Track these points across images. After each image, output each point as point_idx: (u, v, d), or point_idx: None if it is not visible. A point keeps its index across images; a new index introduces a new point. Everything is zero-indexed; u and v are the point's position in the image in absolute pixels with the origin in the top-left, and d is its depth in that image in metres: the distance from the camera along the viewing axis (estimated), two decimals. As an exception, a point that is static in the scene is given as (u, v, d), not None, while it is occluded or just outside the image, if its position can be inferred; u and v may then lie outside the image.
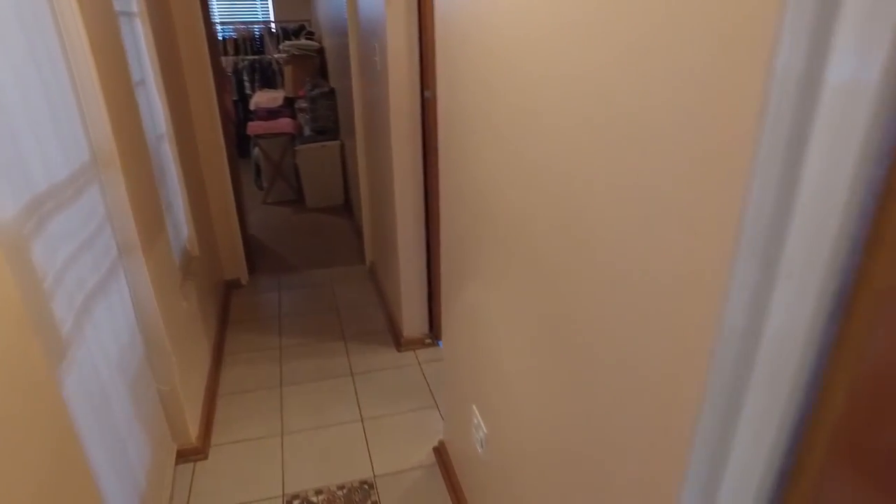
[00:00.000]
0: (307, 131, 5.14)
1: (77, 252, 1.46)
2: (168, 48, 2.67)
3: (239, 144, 6.31)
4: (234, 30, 6.54)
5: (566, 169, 0.93)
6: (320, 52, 5.54)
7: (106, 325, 1.59)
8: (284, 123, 5.02)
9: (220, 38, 6.42)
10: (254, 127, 4.94)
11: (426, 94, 2.40)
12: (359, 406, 2.51)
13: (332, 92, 4.93)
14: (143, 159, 1.95)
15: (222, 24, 6.53)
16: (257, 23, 6.68)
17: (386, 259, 3.21)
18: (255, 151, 5.10)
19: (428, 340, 2.93)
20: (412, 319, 2.90)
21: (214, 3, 6.53)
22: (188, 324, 2.33)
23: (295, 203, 5.10)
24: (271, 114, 5.36)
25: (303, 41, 5.61)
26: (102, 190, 1.66)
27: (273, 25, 6.67)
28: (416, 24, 2.33)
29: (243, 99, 6.43)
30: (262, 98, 5.57)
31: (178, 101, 2.74)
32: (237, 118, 6.48)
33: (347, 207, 4.92)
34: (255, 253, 4.00)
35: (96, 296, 1.55)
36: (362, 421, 2.42)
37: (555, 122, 0.96)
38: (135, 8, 2.21)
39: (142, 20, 2.25)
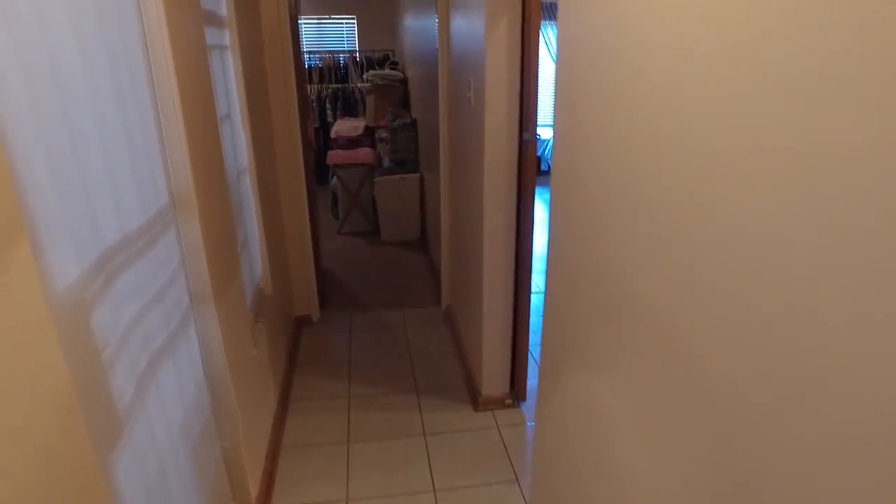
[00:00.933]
0: (386, 162, 5.06)
1: (146, 308, 1.32)
2: (256, 80, 2.60)
3: (317, 172, 6.35)
4: (321, 59, 6.63)
5: (753, 251, 0.67)
6: (404, 82, 5.49)
7: (171, 385, 1.44)
8: (364, 153, 4.95)
9: (306, 66, 6.52)
10: (333, 156, 4.90)
11: (525, 136, 2.19)
12: (431, 473, 2.27)
13: (413, 123, 4.83)
14: (222, 199, 1.82)
15: (309, 53, 6.64)
16: (343, 52, 6.75)
17: (465, 305, 2.98)
18: (334, 181, 5.06)
19: (509, 401, 2.67)
20: (492, 376, 2.65)
21: (302, 32, 6.66)
22: (256, 372, 2.19)
23: (370, 235, 4.99)
24: (351, 143, 5.33)
25: (387, 71, 5.58)
26: (179, 235, 1.53)
27: (358, 54, 6.72)
28: (518, 62, 2.13)
29: (325, 127, 6.48)
30: (343, 127, 5.56)
31: (261, 133, 2.66)
32: (317, 146, 6.53)
33: (423, 243, 4.76)
34: (327, 287, 3.89)
35: (163, 354, 1.40)
36: (434, 492, 2.18)
37: (742, 181, 0.70)
38: (227, 41, 2.13)
39: (233, 53, 2.17)
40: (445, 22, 3.02)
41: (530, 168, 2.22)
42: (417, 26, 4.47)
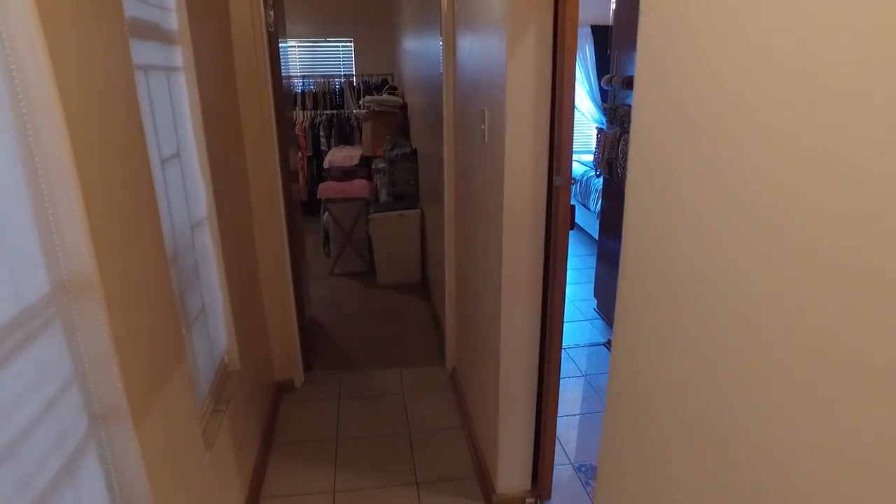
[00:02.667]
0: (383, 195, 4.60)
1: (15, 441, 0.84)
2: (222, 107, 2.15)
3: (309, 204, 5.92)
4: (315, 83, 6.23)
5: None
6: (403, 108, 5.07)
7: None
8: (359, 187, 4.50)
9: (298, 91, 6.12)
10: (325, 190, 4.44)
11: (556, 181, 1.73)
12: None
13: (413, 153, 4.39)
14: (155, 272, 1.35)
15: (303, 77, 6.25)
16: (339, 76, 6.36)
17: (476, 369, 2.49)
18: (325, 216, 4.60)
19: (531, 500, 2.16)
20: (510, 467, 2.15)
21: (295, 55, 6.28)
22: (212, 478, 1.69)
23: (365, 276, 4.51)
24: (346, 174, 4.89)
25: (385, 96, 5.16)
26: (71, 334, 1.05)
27: (354, 79, 6.33)
28: (549, 87, 1.68)
29: (318, 156, 6.05)
30: (338, 156, 5.13)
31: (227, 170, 2.20)
32: (310, 176, 6.09)
33: (424, 287, 4.28)
34: (313, 343, 3.39)
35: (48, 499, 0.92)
36: None
37: None
38: (178, 61, 1.68)
39: (187, 76, 1.72)
40: (451, 41, 2.59)
41: (563, 219, 1.75)
42: (418, 48, 4.06)
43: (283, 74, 2.82)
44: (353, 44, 6.33)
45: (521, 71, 1.65)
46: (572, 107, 1.64)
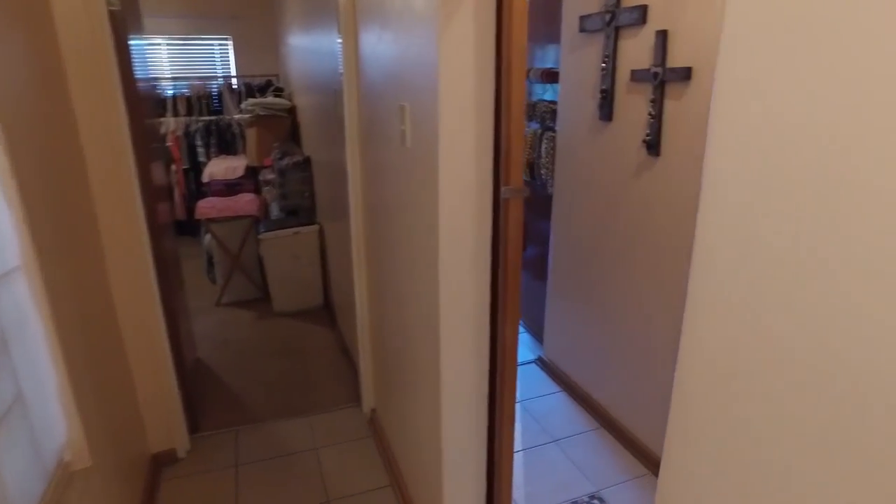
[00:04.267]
0: (275, 211, 4.06)
1: None
2: (43, 118, 1.58)
3: (189, 224, 5.19)
4: (189, 86, 5.50)
5: None
6: (292, 111, 4.53)
7: None
8: (245, 203, 3.92)
9: (168, 95, 5.36)
10: (204, 209, 3.82)
11: (504, 192, 1.37)
12: None
13: (306, 162, 3.89)
14: None
15: (174, 79, 5.49)
16: (216, 78, 5.66)
17: (405, 413, 2.09)
18: (207, 238, 3.97)
19: (483, 578, 1.79)
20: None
21: (163, 54, 5.50)
22: None
23: (258, 304, 3.94)
24: (229, 188, 4.28)
25: (270, 99, 4.60)
26: None
27: (234, 80, 5.67)
28: (493, 79, 1.32)
29: (197, 167, 5.33)
30: (219, 168, 4.49)
31: (56, 194, 1.63)
32: (187, 191, 5.36)
33: (328, 312, 3.79)
34: (199, 395, 2.81)
35: None
36: None
37: None
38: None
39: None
40: (352, 29, 2.17)
41: (513, 239, 1.40)
42: (308, 44, 3.57)
43: (141, 74, 2.25)
44: (230, 42, 5.67)
45: (457, 53, 1.28)
46: (523, 99, 1.29)
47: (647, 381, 2.27)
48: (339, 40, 2.21)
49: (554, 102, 2.78)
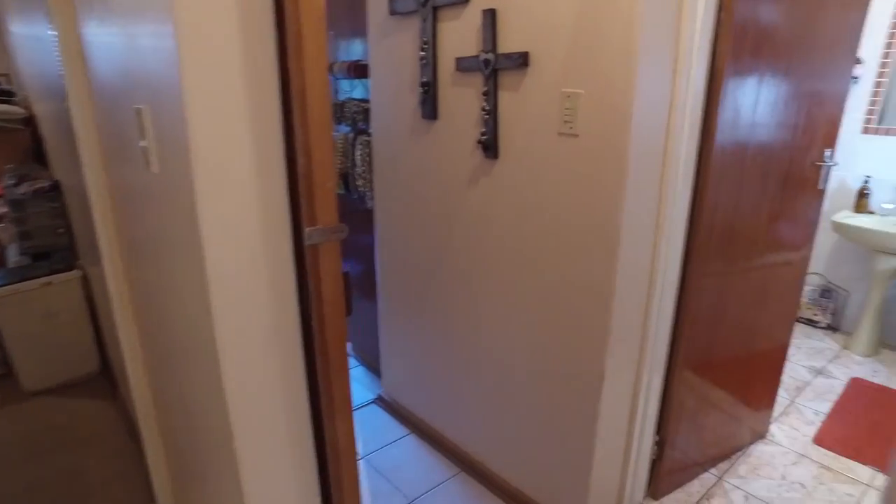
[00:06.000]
0: (13, 255, 3.07)
1: None
2: None
3: None
4: None
5: None
6: (29, 122, 3.51)
7: None
8: (-35, 247, 2.89)
9: None
10: None
11: (309, 234, 0.90)
12: None
13: (55, 188, 2.99)
14: None
15: None
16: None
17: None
18: None
19: None
20: None
21: None
22: None
23: (2, 382, 2.94)
24: (-58, 229, 3.15)
25: (-3, 107, 3.51)
26: None
27: (-55, 85, 4.31)
28: (275, 63, 0.84)
29: None
30: (-76, 202, 3.30)
31: None
32: None
33: (108, 379, 2.95)
34: None
35: None
36: None
37: None
38: None
39: None
40: (70, 15, 1.51)
41: (330, 303, 0.94)
42: (33, 34, 2.69)
43: None
44: (-69, 34, 4.30)
45: (210, 23, 0.78)
46: (327, 92, 0.83)
47: (505, 411, 1.96)
48: (53, 31, 1.54)
49: (366, 101, 2.35)
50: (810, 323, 3.45)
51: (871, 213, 3.13)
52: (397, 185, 2.18)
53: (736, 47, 1.55)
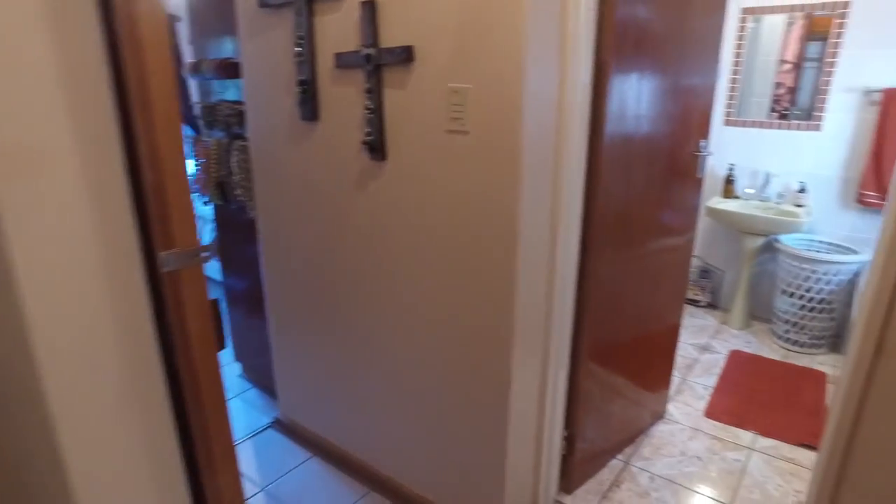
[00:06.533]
0: None
1: None
2: None
3: None
4: None
5: None
6: None
7: None
8: None
9: None
10: None
11: (164, 259, 0.75)
12: None
13: None
14: None
15: None
16: None
17: None
18: None
19: None
20: None
21: None
22: None
23: None
24: None
25: None
26: None
27: None
28: (100, 49, 0.68)
29: None
30: None
31: None
32: None
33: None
34: None
35: None
36: None
37: None
38: None
39: None
40: None
41: (199, 342, 0.79)
42: None
43: None
44: None
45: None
46: (171, 89, 0.69)
47: (412, 422, 1.87)
48: None
49: (240, 103, 2.16)
50: (692, 302, 3.68)
51: (737, 197, 3.39)
52: (280, 193, 2.01)
53: (619, 42, 1.57)
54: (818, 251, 3.14)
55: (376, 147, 1.62)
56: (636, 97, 1.72)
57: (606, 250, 1.81)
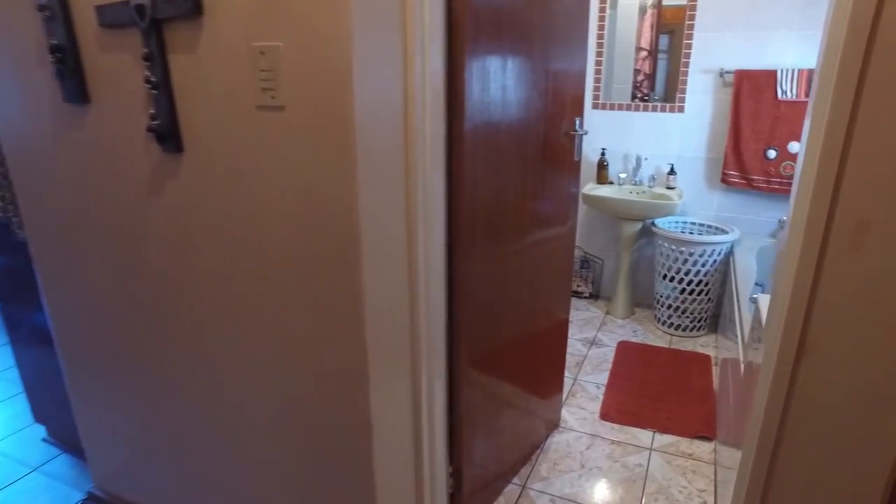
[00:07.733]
0: None
1: None
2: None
3: None
4: None
5: None
6: None
7: None
8: None
9: None
10: None
11: None
12: None
13: None
14: None
15: None
16: None
17: None
18: None
19: None
20: None
21: None
22: None
23: None
24: None
25: None
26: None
27: None
28: None
29: None
30: None
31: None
32: None
33: None
34: None
35: None
36: None
37: None
38: None
39: None
40: None
41: None
42: None
43: None
44: None
45: None
46: None
47: (258, 475, 1.46)
48: None
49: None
50: (576, 294, 3.55)
51: (611, 182, 3.30)
52: (52, 203, 1.50)
53: (474, 24, 1.30)
54: (692, 233, 3.12)
55: (167, 135, 1.19)
56: (501, 82, 1.46)
57: (479, 246, 1.52)
